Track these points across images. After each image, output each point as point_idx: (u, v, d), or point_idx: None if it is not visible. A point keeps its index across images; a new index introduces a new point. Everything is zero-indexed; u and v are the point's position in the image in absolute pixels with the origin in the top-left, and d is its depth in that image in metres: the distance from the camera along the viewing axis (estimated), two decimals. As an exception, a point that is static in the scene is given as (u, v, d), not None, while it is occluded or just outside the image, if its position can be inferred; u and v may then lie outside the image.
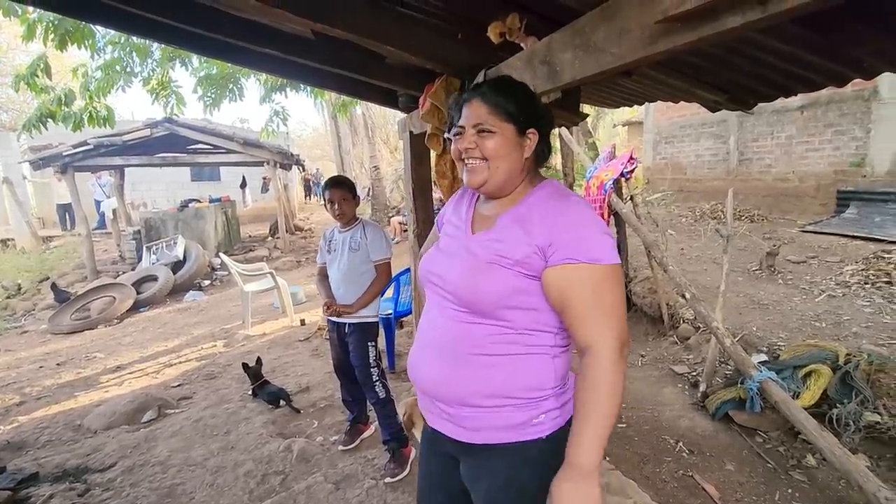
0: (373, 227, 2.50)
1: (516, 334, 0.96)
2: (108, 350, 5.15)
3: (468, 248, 1.03)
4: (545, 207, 0.96)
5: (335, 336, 2.58)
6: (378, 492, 2.17)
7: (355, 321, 2.45)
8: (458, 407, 0.99)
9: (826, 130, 7.19)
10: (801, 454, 2.46)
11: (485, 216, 1.06)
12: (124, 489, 2.38)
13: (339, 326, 2.53)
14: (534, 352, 0.96)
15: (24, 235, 11.56)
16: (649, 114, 10.52)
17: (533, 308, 0.95)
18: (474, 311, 0.97)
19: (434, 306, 1.07)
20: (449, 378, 1.00)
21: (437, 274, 1.06)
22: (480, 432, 0.98)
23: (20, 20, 3.84)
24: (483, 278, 0.95)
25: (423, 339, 1.09)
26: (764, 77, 1.79)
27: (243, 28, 2.10)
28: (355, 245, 2.42)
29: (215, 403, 3.34)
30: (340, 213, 2.41)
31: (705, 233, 6.67)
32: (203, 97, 4.82)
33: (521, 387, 0.95)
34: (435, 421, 1.07)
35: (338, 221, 2.48)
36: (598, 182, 4.14)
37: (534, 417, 0.96)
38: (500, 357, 0.96)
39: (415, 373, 1.10)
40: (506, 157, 0.98)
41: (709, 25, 0.82)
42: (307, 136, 31.69)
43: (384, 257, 2.46)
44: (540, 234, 0.93)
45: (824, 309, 3.88)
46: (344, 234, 2.47)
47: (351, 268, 2.43)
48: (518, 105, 0.98)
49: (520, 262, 0.93)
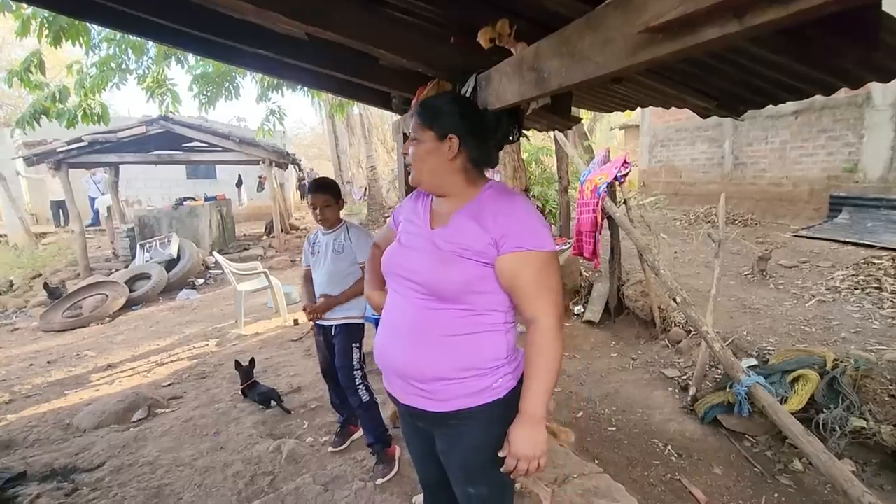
0: (357, 228, 2.49)
1: (476, 315, 1.12)
2: (99, 348, 5.12)
3: (432, 242, 1.16)
4: (495, 205, 1.13)
5: (322, 339, 2.58)
6: (366, 493, 2.18)
7: (341, 322, 2.43)
8: (431, 382, 1.14)
9: (820, 136, 7.25)
10: (788, 459, 2.48)
11: (440, 213, 1.21)
12: (112, 489, 2.37)
13: (326, 330, 2.51)
14: (489, 329, 1.13)
15: (17, 232, 11.51)
16: (645, 117, 10.56)
17: (489, 291, 1.11)
18: (440, 298, 1.12)
19: (400, 296, 1.20)
20: (422, 358, 1.14)
21: (404, 267, 1.19)
22: (451, 401, 1.14)
23: (14, 15, 3.83)
24: (448, 268, 1.10)
25: (393, 326, 1.21)
26: (752, 85, 1.81)
27: (237, 28, 2.10)
28: (339, 247, 2.40)
29: (206, 403, 3.33)
30: (322, 218, 2.39)
31: (698, 237, 6.71)
32: (199, 95, 4.81)
33: (482, 359, 1.12)
34: (409, 398, 1.20)
35: (321, 226, 2.47)
36: (591, 185, 4.16)
37: (493, 383, 1.13)
38: (464, 336, 1.12)
39: (386, 358, 1.22)
40: (425, 159, 1.16)
41: (688, 37, 0.83)
42: (304, 134, 31.60)
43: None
44: (493, 227, 1.09)
45: (814, 314, 3.91)
46: (328, 237, 2.45)
47: (335, 270, 2.41)
48: (439, 115, 1.15)
49: (479, 252, 1.09)
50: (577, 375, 3.56)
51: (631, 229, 3.79)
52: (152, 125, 8.77)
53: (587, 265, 4.99)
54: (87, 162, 9.33)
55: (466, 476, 1.22)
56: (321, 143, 26.75)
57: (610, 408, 3.11)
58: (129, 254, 8.97)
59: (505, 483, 1.23)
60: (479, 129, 1.18)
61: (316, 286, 2.49)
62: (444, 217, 1.19)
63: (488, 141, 1.21)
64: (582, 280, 5.03)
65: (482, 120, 1.20)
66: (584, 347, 4.05)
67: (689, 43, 0.84)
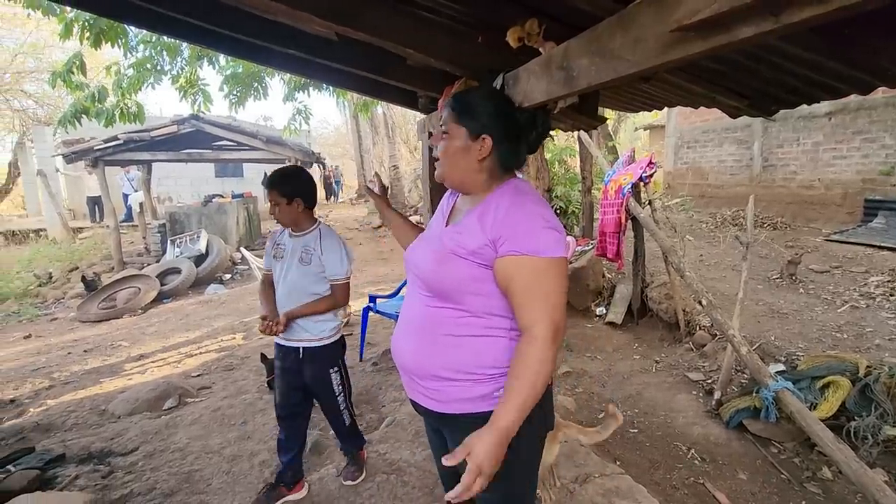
0: (331, 236, 2.03)
1: (473, 317, 1.08)
2: (132, 339, 5.32)
3: (440, 238, 1.15)
4: (500, 205, 1.07)
5: (284, 365, 2.08)
6: (389, 485, 2.21)
7: (312, 345, 2.02)
8: (428, 380, 1.13)
9: (854, 138, 7.01)
10: (817, 466, 2.42)
11: (459, 210, 1.21)
12: (145, 473, 2.47)
13: (289, 353, 2.06)
14: (490, 334, 1.08)
15: (55, 226, 11.98)
16: (671, 118, 10.37)
17: (485, 294, 1.07)
18: (438, 296, 1.10)
19: (410, 292, 1.21)
20: (420, 354, 1.13)
21: (412, 262, 1.20)
22: (449, 403, 1.12)
23: (58, 19, 4.00)
24: (443, 266, 1.08)
25: (404, 322, 1.22)
26: (786, 84, 1.78)
27: (267, 28, 2.16)
28: (307, 257, 1.97)
29: (233, 394, 3.43)
30: (278, 219, 2.00)
31: (725, 240, 6.56)
32: (229, 95, 4.94)
33: (480, 364, 1.08)
34: (414, 394, 1.21)
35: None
36: (615, 186, 4.12)
37: (494, 391, 1.08)
38: (462, 338, 1.08)
39: (395, 353, 1.23)
40: (454, 157, 1.13)
41: (722, 35, 0.83)
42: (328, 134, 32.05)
43: (341, 278, 2.00)
44: (492, 228, 1.04)
45: (846, 320, 3.80)
46: (295, 240, 2.01)
47: (300, 284, 1.98)
48: (475, 113, 1.11)
49: (474, 252, 1.05)
50: (599, 377, 3.54)
51: (656, 230, 3.74)
52: (183, 124, 9.03)
53: (610, 266, 4.95)
54: (122, 160, 9.66)
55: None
56: (345, 142, 27.07)
57: (632, 410, 3.08)
58: (161, 249, 9.27)
59: (515, 493, 1.18)
60: (513, 130, 1.13)
61: (277, 299, 2.03)
62: (460, 214, 1.18)
63: (521, 142, 1.16)
64: (605, 281, 4.98)
65: (517, 120, 1.14)
66: (606, 349, 4.01)
67: (722, 41, 0.84)
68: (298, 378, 2.07)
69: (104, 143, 8.72)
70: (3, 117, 17.99)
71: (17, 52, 15.92)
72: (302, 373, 2.06)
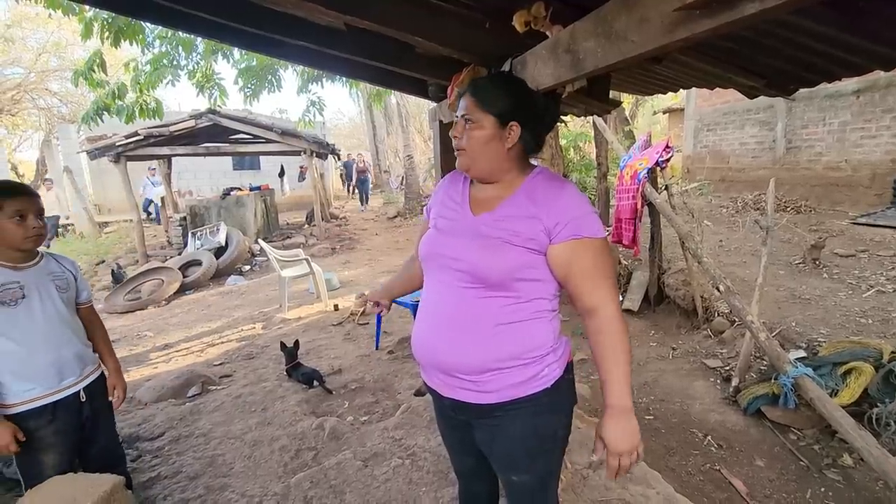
0: (61, 256, 1.78)
1: (523, 303, 1.08)
2: (157, 329, 5.48)
3: (474, 228, 1.11)
4: (545, 192, 1.08)
5: (62, 425, 1.62)
6: (404, 470, 2.26)
7: (95, 377, 1.79)
8: (480, 374, 1.10)
9: (884, 116, 6.74)
10: (838, 453, 2.39)
11: (483, 199, 1.16)
12: (171, 457, 2.56)
13: (69, 406, 1.64)
14: (536, 317, 1.09)
15: (82, 221, 12.35)
16: (691, 100, 10.12)
17: (537, 279, 1.08)
18: (488, 286, 1.07)
19: (442, 286, 1.15)
20: (469, 349, 1.09)
21: (444, 255, 1.13)
22: (500, 392, 1.10)
23: (78, 18, 4.10)
24: (494, 255, 1.06)
25: (434, 317, 1.16)
26: (803, 61, 1.72)
27: (279, 21, 2.18)
28: (63, 284, 1.67)
29: (254, 382, 3.52)
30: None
31: (744, 224, 6.42)
32: (244, 88, 5.01)
33: (531, 347, 1.09)
34: (454, 392, 1.15)
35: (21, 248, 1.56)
36: (631, 171, 4.06)
37: (540, 371, 1.10)
38: (512, 324, 1.08)
39: (425, 350, 1.18)
40: (483, 146, 1.09)
41: (727, 12, 0.82)
42: (344, 125, 32.17)
43: (90, 298, 1.87)
44: (546, 215, 1.05)
45: (871, 305, 3.70)
46: (26, 272, 1.57)
47: (67, 317, 1.67)
48: (501, 100, 1.08)
49: (529, 239, 1.05)
50: (615, 364, 3.52)
51: (672, 216, 3.68)
52: (201, 119, 9.16)
53: (626, 253, 4.89)
54: (142, 154, 9.87)
55: (510, 464, 1.19)
56: (360, 133, 27.14)
57: (648, 397, 3.07)
58: (182, 241, 9.47)
59: (548, 472, 1.22)
60: (536, 114, 1.12)
61: (26, 349, 1.54)
62: (488, 203, 1.13)
63: (542, 126, 1.16)
64: (621, 268, 4.93)
65: (537, 104, 1.14)
66: (621, 336, 3.98)
67: (727, 18, 0.82)
68: (75, 433, 1.70)
69: (126, 138, 8.91)
70: (30, 116, 18.53)
71: (40, 52, 16.34)
72: (83, 425, 1.74)
